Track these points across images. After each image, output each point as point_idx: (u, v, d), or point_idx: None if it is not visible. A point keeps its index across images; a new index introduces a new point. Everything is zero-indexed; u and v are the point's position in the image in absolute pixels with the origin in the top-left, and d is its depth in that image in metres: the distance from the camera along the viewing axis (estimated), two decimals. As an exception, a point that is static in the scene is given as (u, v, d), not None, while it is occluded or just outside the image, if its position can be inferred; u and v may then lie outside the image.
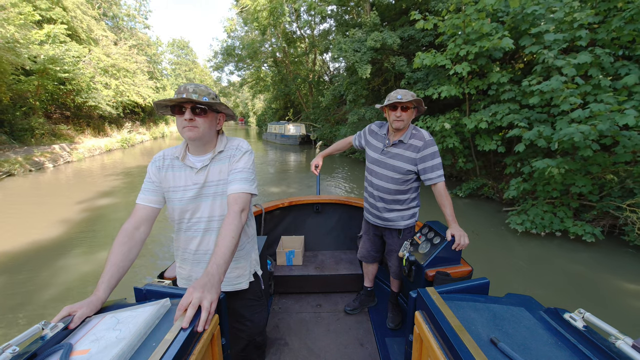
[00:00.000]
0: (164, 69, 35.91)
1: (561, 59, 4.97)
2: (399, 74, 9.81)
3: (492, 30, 5.81)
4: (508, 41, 5.34)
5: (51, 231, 5.68)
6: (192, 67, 58.18)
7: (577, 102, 4.36)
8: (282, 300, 2.50)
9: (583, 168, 4.92)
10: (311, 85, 22.87)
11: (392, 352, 1.92)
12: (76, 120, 18.57)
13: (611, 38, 5.10)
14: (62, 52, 14.05)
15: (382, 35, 8.48)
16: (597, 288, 3.86)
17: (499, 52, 5.95)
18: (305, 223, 2.92)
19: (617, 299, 3.61)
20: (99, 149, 16.76)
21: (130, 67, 20.85)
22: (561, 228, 5.05)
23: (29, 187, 9.22)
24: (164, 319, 0.87)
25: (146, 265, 4.36)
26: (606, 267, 4.26)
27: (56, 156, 12.62)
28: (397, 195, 1.87)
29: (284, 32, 19.33)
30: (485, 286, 1.18)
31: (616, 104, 4.16)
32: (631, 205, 4.59)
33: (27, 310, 3.46)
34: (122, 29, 26.28)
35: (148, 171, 1.29)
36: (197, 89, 1.16)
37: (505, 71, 6.14)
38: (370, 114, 10.65)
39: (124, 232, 1.15)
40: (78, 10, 19.12)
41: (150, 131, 27.41)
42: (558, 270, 4.27)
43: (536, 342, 0.81)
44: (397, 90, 1.74)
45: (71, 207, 7.18)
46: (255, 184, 1.28)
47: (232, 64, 25.01)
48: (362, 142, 2.06)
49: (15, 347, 0.72)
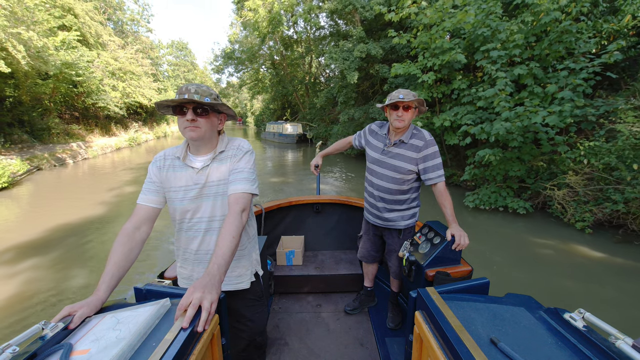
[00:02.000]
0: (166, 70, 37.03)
1: (503, 71, 6.32)
2: (383, 79, 11.15)
3: (454, 46, 7.15)
4: (461, 56, 6.68)
5: (98, 210, 6.98)
6: (191, 68, 59.21)
7: (507, 106, 5.70)
8: (282, 300, 2.50)
9: (517, 157, 6.27)
10: (307, 86, 24.17)
11: (392, 352, 1.91)
12: (85, 121, 19.72)
13: (545, 54, 6.46)
14: (77, 58, 15.20)
15: (367, 47, 9.84)
16: (525, 245, 5.19)
17: (458, 64, 7.27)
18: (305, 223, 2.92)
19: (539, 250, 4.95)
20: (110, 147, 17.96)
21: (136, 70, 22.02)
22: (503, 204, 6.41)
23: (61, 179, 10.45)
24: (164, 319, 0.87)
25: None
26: (534, 231, 5.59)
27: (75, 153, 13.84)
28: (397, 195, 1.86)
29: (281, 37, 20.61)
30: (485, 286, 1.18)
31: (536, 107, 5.51)
32: (553, 186, 5.94)
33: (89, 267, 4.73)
34: (126, 33, 27.41)
35: (149, 171, 1.29)
36: (199, 89, 1.16)
37: (465, 79, 7.48)
38: (359, 114, 11.99)
39: (124, 232, 1.14)
40: (86, 16, 20.26)
41: (153, 131, 28.56)
42: (498, 233, 5.62)
43: (536, 342, 0.80)
44: (398, 89, 1.74)
45: (106, 193, 8.47)
46: (256, 184, 1.27)
47: (232, 66, 26.25)
48: (362, 142, 2.06)
49: (15, 347, 0.72)
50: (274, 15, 14.11)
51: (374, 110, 11.08)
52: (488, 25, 6.70)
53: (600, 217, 5.22)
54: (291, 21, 18.27)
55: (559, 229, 5.55)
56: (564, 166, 5.88)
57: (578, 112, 5.53)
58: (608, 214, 5.13)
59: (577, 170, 5.69)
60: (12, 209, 7.26)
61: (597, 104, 5.95)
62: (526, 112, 5.45)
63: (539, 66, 6.21)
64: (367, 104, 12.30)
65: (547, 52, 6.37)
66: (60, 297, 3.75)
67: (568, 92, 5.59)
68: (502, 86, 5.89)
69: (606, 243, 4.94)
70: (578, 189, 5.51)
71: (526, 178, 6.51)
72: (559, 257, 4.67)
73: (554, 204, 5.83)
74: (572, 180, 5.60)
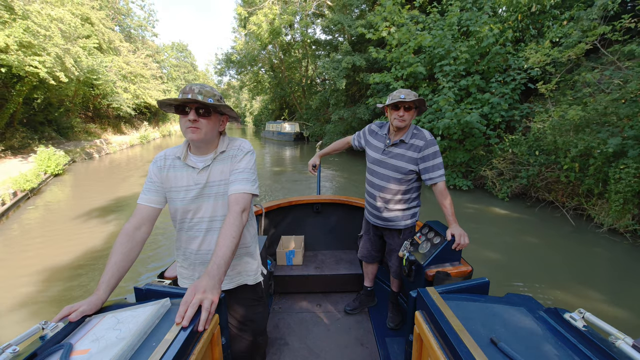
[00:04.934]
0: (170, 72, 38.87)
1: (452, 82, 8.27)
2: (367, 85, 13.11)
3: (418, 61, 9.09)
4: (422, 69, 8.64)
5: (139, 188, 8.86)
6: (191, 69, 60.90)
7: (449, 108, 7.65)
8: (282, 300, 2.50)
9: (464, 147, 8.23)
10: (304, 89, 26.11)
11: (392, 352, 1.91)
12: (98, 120, 21.50)
13: (487, 67, 8.42)
14: (98, 63, 16.99)
15: (353, 59, 11.83)
16: (465, 210, 7.12)
17: (421, 74, 9.21)
18: (305, 223, 2.92)
19: (472, 212, 6.88)
20: (125, 144, 19.78)
21: (145, 74, 23.83)
22: (453, 184, 8.36)
23: (98, 168, 12.30)
24: (164, 319, 0.87)
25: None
26: (473, 201, 7.52)
27: (99, 149, 15.68)
28: (398, 195, 1.86)
29: (281, 44, 22.52)
30: (485, 286, 1.19)
31: (469, 109, 7.47)
32: (487, 168, 7.89)
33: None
34: (133, 38, 29.17)
35: (149, 171, 1.28)
36: (202, 89, 1.16)
37: (429, 86, 9.42)
38: (348, 114, 13.95)
39: (124, 232, 1.14)
40: (100, 24, 22.01)
41: (159, 129, 30.37)
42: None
43: (536, 342, 0.81)
44: (399, 89, 1.75)
45: (139, 178, 10.34)
46: (257, 184, 1.27)
47: (233, 69, 28.14)
48: (361, 142, 2.05)
49: (16, 347, 0.72)
50: (275, 27, 16.09)
51: (360, 110, 13.00)
52: (443, 45, 8.65)
53: (515, 190, 7.18)
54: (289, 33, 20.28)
55: (490, 199, 7.50)
56: (495, 154, 7.84)
57: (504, 114, 7.51)
58: (519, 187, 7.09)
59: (504, 157, 7.65)
60: (79, 186, 9.14)
61: (523, 107, 7.93)
62: (463, 113, 7.40)
63: (481, 78, 8.17)
64: (354, 105, 14.29)
65: (488, 67, 8.34)
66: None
67: (496, 99, 7.56)
68: (448, 93, 7.85)
69: (518, 207, 6.89)
70: (503, 170, 7.47)
71: (472, 164, 8.47)
72: (485, 217, 6.59)
73: (488, 182, 7.79)
74: (500, 164, 7.56)
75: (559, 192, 6.46)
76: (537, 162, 6.77)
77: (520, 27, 8.64)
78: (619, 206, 5.00)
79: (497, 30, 7.92)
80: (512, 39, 8.44)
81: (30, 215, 6.72)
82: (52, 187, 9.08)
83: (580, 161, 5.81)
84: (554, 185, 6.58)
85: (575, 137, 5.67)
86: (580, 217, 5.93)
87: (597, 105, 5.43)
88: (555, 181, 6.52)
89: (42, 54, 9.08)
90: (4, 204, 6.56)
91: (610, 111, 5.34)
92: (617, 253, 4.77)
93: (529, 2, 8.18)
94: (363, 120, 13.06)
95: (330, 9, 16.63)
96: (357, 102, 14.36)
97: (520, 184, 6.99)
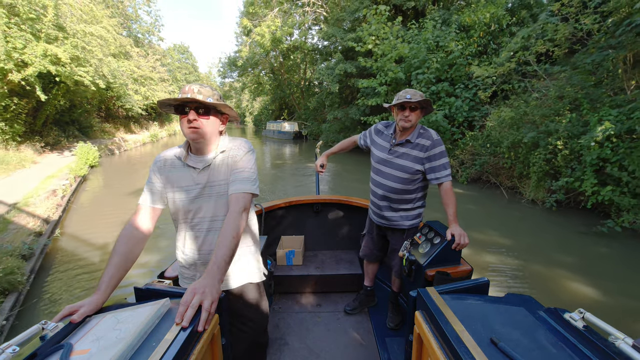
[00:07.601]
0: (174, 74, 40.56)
1: (425, 87, 10.05)
2: (358, 89, 14.92)
3: (399, 69, 10.85)
4: (401, 75, 10.41)
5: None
6: (192, 70, 62.43)
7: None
8: (282, 300, 2.51)
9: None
10: (302, 90, 27.89)
11: (392, 352, 1.92)
12: (111, 120, 23.15)
13: (454, 75, 10.21)
14: (116, 68, 18.66)
15: (345, 66, 13.64)
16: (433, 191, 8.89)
17: (401, 80, 10.96)
18: (305, 223, 2.92)
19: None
20: (138, 142, 21.50)
21: (154, 77, 25.53)
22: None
23: (123, 161, 14.00)
24: (164, 319, 0.87)
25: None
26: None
27: (118, 146, 17.40)
28: (403, 195, 1.87)
29: (281, 50, 24.29)
30: (485, 286, 1.19)
31: (436, 110, 9.24)
32: (452, 158, 9.65)
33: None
34: (140, 42, 30.81)
35: (150, 172, 1.28)
36: (202, 89, 1.16)
37: (408, 91, 11.19)
38: (341, 114, 15.75)
39: (125, 233, 1.15)
40: (113, 31, 23.66)
41: (165, 129, 32.13)
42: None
43: (536, 342, 0.81)
44: (406, 89, 1.75)
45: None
46: (257, 184, 1.27)
47: (235, 72, 29.90)
48: (367, 142, 2.06)
49: (16, 347, 0.73)
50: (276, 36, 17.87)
51: (352, 111, 14.77)
52: (418, 57, 10.43)
53: (472, 175, 8.95)
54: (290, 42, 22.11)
55: (453, 184, 9.24)
56: (459, 147, 9.61)
57: (465, 114, 9.30)
58: (475, 172, 8.87)
59: (465, 149, 9.43)
60: (113, 176, 10.85)
61: (483, 109, 9.72)
62: (431, 114, 9.17)
63: (449, 84, 9.96)
64: (347, 106, 16.11)
65: (454, 75, 10.14)
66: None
67: (459, 102, 9.35)
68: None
69: (473, 188, 8.66)
70: (464, 160, 9.25)
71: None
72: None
73: (453, 170, 9.55)
74: (462, 155, 9.34)
75: (502, 176, 8.25)
76: (487, 153, 8.54)
77: (482, 42, 10.44)
78: (535, 182, 6.80)
79: (461, 45, 9.72)
80: (476, 52, 10.25)
81: (86, 196, 8.45)
82: (93, 176, 10.81)
83: (515, 151, 7.60)
84: (499, 170, 8.36)
85: (507, 132, 7.47)
86: (515, 194, 7.73)
87: (521, 109, 7.24)
88: (500, 167, 8.30)
89: (86, 65, 10.78)
90: (72, 185, 8.30)
91: (530, 113, 7.15)
92: (532, 216, 6.55)
93: (490, 21, 10.00)
94: (355, 120, 14.74)
95: (326, 21, 18.51)
96: (349, 104, 16.15)
97: (475, 170, 8.77)
